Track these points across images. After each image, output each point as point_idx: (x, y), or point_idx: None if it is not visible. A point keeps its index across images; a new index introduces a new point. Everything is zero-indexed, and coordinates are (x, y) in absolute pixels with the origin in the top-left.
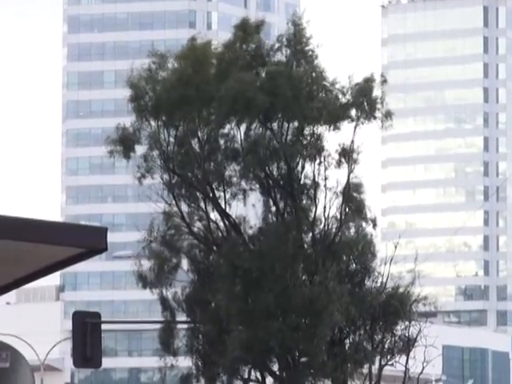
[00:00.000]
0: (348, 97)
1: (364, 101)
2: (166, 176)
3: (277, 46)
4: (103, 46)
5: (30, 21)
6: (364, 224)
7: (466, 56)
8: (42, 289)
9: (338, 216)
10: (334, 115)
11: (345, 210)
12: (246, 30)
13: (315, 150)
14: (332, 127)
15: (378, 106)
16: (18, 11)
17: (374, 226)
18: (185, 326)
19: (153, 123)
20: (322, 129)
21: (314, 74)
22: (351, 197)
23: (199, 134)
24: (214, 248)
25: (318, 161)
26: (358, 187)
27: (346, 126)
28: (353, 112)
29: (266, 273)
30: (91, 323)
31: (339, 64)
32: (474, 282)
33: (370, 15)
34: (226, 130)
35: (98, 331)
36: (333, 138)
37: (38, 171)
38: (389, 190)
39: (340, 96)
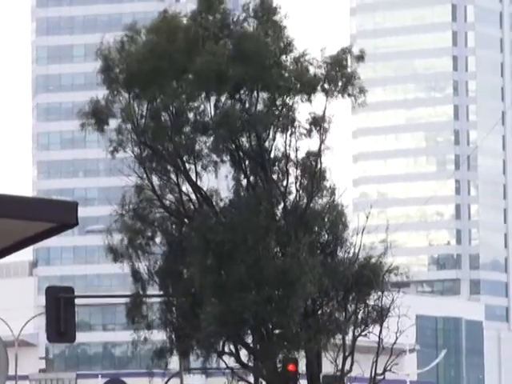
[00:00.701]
0: (321, 69)
1: (338, 75)
2: (137, 149)
3: (243, 16)
4: (72, 19)
5: None
6: (331, 194)
7: (434, 24)
8: (15, 264)
9: (309, 187)
10: (307, 87)
11: (311, 181)
12: (209, 2)
13: (287, 120)
14: (304, 99)
15: (353, 81)
16: None
17: (332, 195)
18: (158, 299)
19: (125, 96)
20: (293, 99)
21: (282, 45)
22: (313, 167)
23: (170, 107)
24: (186, 221)
25: (289, 132)
26: (319, 156)
27: (318, 98)
28: (326, 85)
29: (239, 245)
30: (65, 298)
31: (308, 34)
32: (446, 251)
33: None
34: (196, 104)
35: (71, 306)
36: (304, 109)
37: (8, 146)
38: (360, 160)
39: (311, 68)
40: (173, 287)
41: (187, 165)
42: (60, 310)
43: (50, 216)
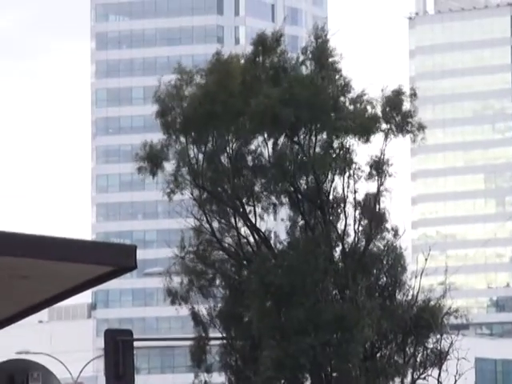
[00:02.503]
0: (378, 109)
1: (394, 114)
2: (195, 192)
3: (301, 58)
4: (131, 62)
5: (59, 38)
6: (391, 236)
7: (494, 66)
8: (74, 307)
9: (367, 229)
10: (365, 128)
11: (371, 222)
12: (265, 44)
13: (344, 162)
14: (362, 140)
15: (410, 119)
16: (47, 29)
17: (395, 236)
18: (217, 342)
19: (181, 139)
20: (351, 141)
21: (339, 86)
22: (373, 209)
23: (228, 149)
24: (245, 263)
25: (347, 174)
26: (380, 198)
27: (376, 138)
28: (383, 125)
29: (297, 288)
30: (123, 341)
31: (367, 76)
32: (505, 293)
33: (397, 27)
34: (253, 147)
35: (130, 349)
36: (362, 151)
37: (68, 188)
38: (419, 202)
39: (369, 108)
40: (233, 330)
41: (246, 207)
42: (119, 353)
43: (110, 260)
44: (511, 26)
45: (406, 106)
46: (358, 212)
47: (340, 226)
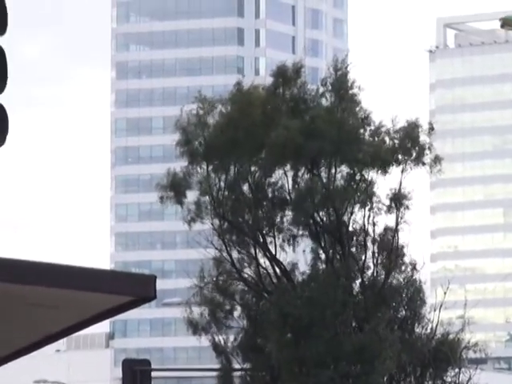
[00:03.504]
0: (395, 141)
1: (411, 145)
2: (216, 222)
3: (321, 90)
4: (151, 92)
5: (81, 66)
6: (410, 269)
7: None
8: (92, 336)
9: (386, 262)
10: (383, 160)
11: (390, 255)
12: (286, 76)
13: (366, 195)
14: (381, 172)
15: (426, 151)
16: (67, 57)
17: (414, 270)
18: (237, 373)
19: (203, 168)
20: (372, 173)
21: (359, 118)
22: (392, 242)
23: (249, 179)
24: (265, 295)
25: (368, 206)
26: (399, 231)
27: (394, 171)
28: (400, 157)
29: (316, 320)
30: (141, 371)
31: (387, 109)
32: None
33: (417, 60)
34: (273, 179)
35: (147, 379)
36: (381, 184)
37: (87, 218)
38: (438, 235)
39: (387, 139)
40: (253, 361)
41: (266, 238)
42: (136, 383)
43: (129, 290)
44: None
45: (424, 139)
46: (376, 245)
47: (359, 258)
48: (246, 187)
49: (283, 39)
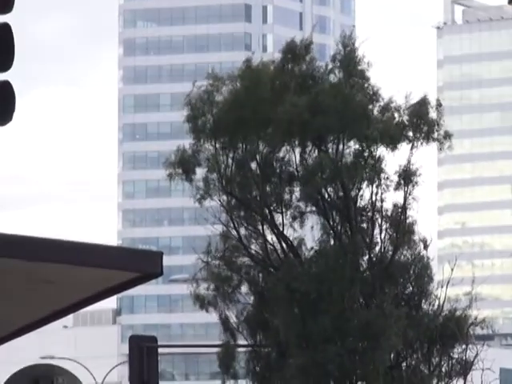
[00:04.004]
0: (404, 117)
1: (421, 122)
2: (224, 198)
3: (330, 66)
4: (159, 68)
5: (86, 43)
6: (418, 246)
7: None
8: (99, 312)
9: (396, 238)
10: (392, 136)
11: (397, 231)
12: (295, 52)
13: (374, 172)
14: (390, 148)
15: (436, 127)
16: (75, 36)
17: (425, 247)
18: (243, 348)
19: (211, 146)
20: (380, 150)
21: (368, 95)
22: (403, 219)
23: (257, 156)
24: (272, 270)
25: (376, 183)
26: (408, 208)
27: (403, 148)
28: (410, 133)
29: (323, 296)
30: (148, 347)
31: (394, 85)
32: None
33: (425, 37)
34: (281, 154)
35: (154, 355)
36: (389, 160)
37: (94, 194)
38: (445, 211)
39: (396, 116)
40: (260, 337)
41: (274, 214)
42: (143, 359)
43: (135, 266)
44: None
45: (433, 115)
46: (384, 221)
47: (367, 234)
48: (253, 164)
49: (291, 16)
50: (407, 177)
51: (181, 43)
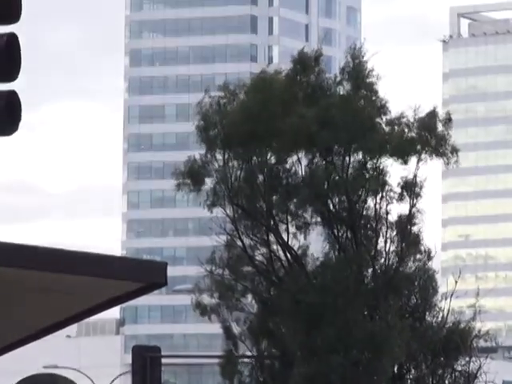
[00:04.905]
0: (413, 131)
1: (429, 137)
2: (229, 209)
3: (339, 78)
4: (164, 79)
5: (92, 51)
6: (422, 257)
7: None
8: (103, 322)
9: (400, 250)
10: (402, 150)
11: (402, 243)
12: (305, 63)
13: (378, 184)
14: (399, 161)
15: (444, 143)
16: (81, 44)
17: (429, 258)
18: (246, 358)
19: (220, 156)
20: (386, 162)
21: (376, 107)
22: (407, 230)
23: (265, 168)
24: (275, 280)
25: (380, 195)
26: (414, 219)
27: (410, 161)
28: (418, 147)
29: (328, 307)
30: (151, 357)
31: (401, 98)
32: None
33: (431, 50)
34: (287, 166)
35: (157, 365)
36: (394, 172)
37: (100, 204)
38: (449, 224)
39: (406, 130)
40: (264, 346)
41: (279, 225)
42: (146, 369)
43: (140, 276)
44: None
45: (441, 129)
46: (389, 232)
47: (372, 246)
48: (261, 176)
49: (296, 27)
50: (412, 189)
51: (187, 54)
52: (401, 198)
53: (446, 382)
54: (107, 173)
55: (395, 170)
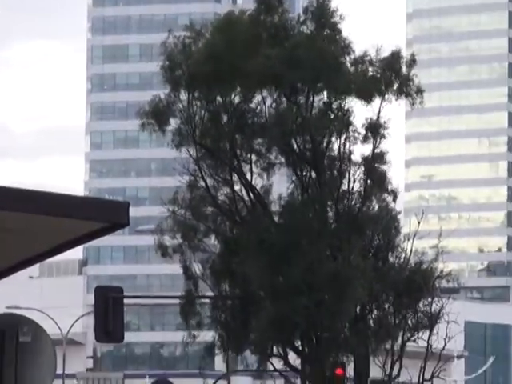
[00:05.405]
0: (376, 71)
1: (393, 77)
2: (192, 149)
3: (302, 18)
4: (128, 19)
5: None
6: (387, 197)
7: (490, 31)
8: (65, 263)
9: (362, 191)
10: (366, 89)
11: (367, 183)
12: (269, 3)
13: (342, 124)
14: (363, 101)
15: (409, 83)
16: None
17: (395, 198)
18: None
19: (184, 97)
20: (350, 103)
21: (340, 47)
22: (374, 169)
23: (229, 108)
24: (238, 219)
25: (344, 136)
26: (380, 159)
27: (375, 101)
28: (382, 87)
29: (292, 247)
30: (113, 298)
31: (364, 39)
32: (497, 257)
33: None
34: (253, 105)
35: (120, 306)
36: (358, 113)
37: (62, 144)
38: (412, 164)
39: (370, 70)
40: (225, 286)
41: (243, 165)
42: (109, 310)
43: (102, 216)
44: None
45: (405, 70)
46: (354, 172)
47: (336, 187)
48: (226, 116)
49: None
50: (375, 130)
51: None
52: (365, 138)
53: (409, 322)
54: (71, 113)
55: (360, 111)
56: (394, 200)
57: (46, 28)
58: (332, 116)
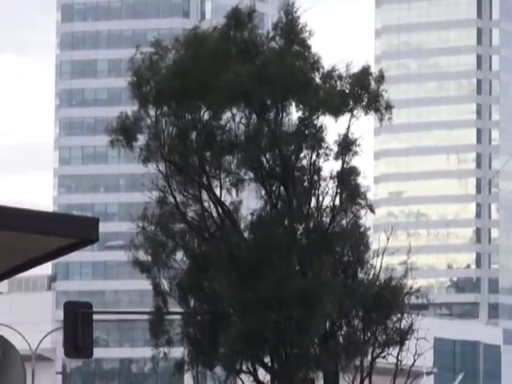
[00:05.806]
0: (346, 87)
1: (363, 93)
2: (162, 165)
3: (272, 34)
4: (97, 34)
5: (24, 9)
6: (359, 211)
7: (459, 47)
8: (34, 278)
9: (332, 206)
10: (334, 105)
11: (341, 196)
12: (239, 19)
13: (315, 141)
14: (332, 117)
15: (378, 98)
16: (13, 2)
17: (372, 211)
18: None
19: (152, 113)
20: (321, 119)
21: (309, 63)
22: (348, 182)
23: (198, 125)
24: (207, 235)
25: (315, 152)
26: (352, 172)
27: (344, 117)
28: (351, 102)
29: (262, 263)
30: (82, 313)
31: (333, 55)
32: (466, 274)
33: (364, 5)
34: (222, 122)
35: (89, 321)
36: (330, 129)
37: (31, 160)
38: (381, 181)
39: (338, 85)
40: (194, 302)
41: (212, 181)
42: (78, 326)
43: (71, 232)
44: (477, 8)
45: (374, 85)
46: (325, 187)
47: (305, 203)
48: (194, 133)
49: None
50: (346, 146)
51: (119, 9)
52: (337, 155)
53: (379, 338)
54: (39, 129)
55: (332, 127)
56: (372, 211)
57: (18, 44)
58: (306, 132)
